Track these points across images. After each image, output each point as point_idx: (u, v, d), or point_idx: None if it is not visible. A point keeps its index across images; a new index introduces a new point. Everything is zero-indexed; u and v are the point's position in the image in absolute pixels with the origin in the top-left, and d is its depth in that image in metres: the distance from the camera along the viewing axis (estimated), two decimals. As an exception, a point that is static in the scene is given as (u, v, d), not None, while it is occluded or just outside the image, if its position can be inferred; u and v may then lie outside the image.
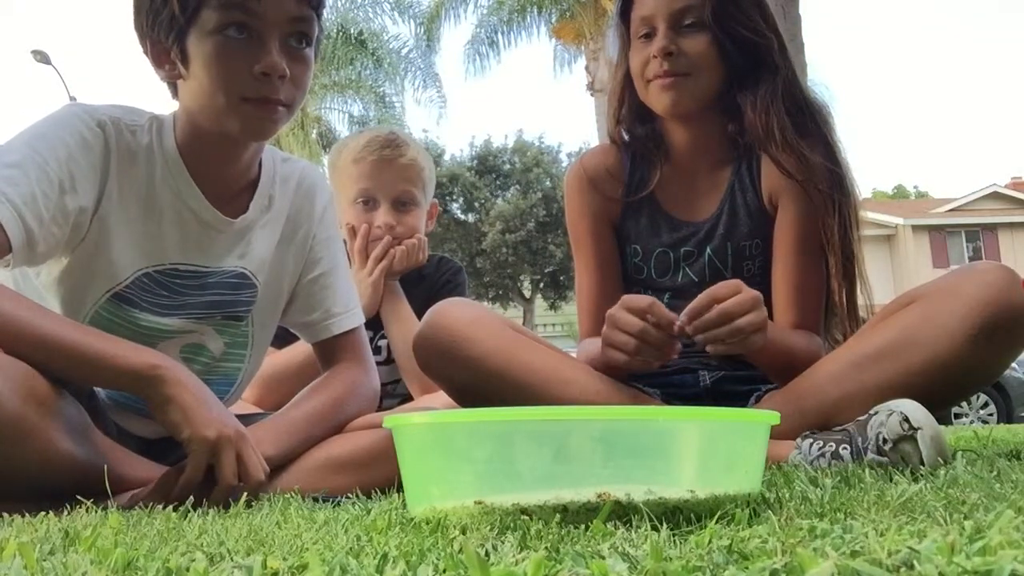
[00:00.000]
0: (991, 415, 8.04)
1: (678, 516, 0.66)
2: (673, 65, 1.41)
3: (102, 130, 1.16)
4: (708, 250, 1.48)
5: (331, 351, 1.38)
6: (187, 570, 0.50)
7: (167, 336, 1.24)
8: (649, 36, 1.46)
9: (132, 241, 1.19)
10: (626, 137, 1.56)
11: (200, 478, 1.01)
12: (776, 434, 0.85)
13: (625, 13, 1.52)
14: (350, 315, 1.40)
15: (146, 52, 1.18)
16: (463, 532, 0.64)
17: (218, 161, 1.23)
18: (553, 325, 22.59)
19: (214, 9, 1.10)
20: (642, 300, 1.24)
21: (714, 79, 1.44)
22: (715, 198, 1.50)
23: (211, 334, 1.29)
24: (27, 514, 0.86)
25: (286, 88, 1.14)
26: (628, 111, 1.55)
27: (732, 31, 1.42)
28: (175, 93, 1.21)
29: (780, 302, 1.43)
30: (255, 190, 1.29)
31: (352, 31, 15.71)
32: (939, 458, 1.03)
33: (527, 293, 19.39)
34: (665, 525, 0.61)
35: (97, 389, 1.21)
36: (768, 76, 1.44)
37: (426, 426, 0.77)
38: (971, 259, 22.58)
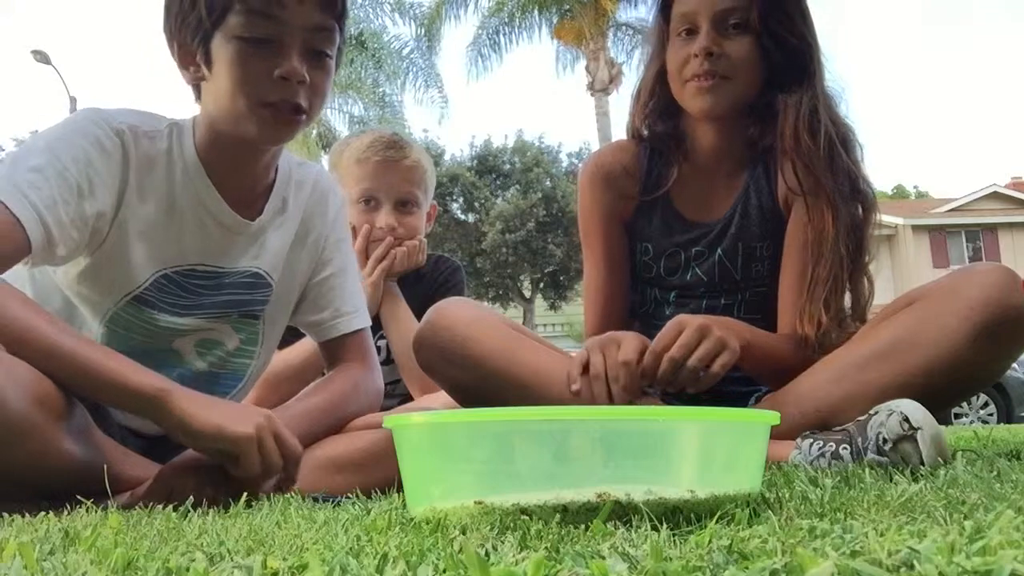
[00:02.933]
0: (991, 415, 8.04)
1: (678, 516, 0.66)
2: (715, 66, 1.38)
3: (120, 138, 1.17)
4: (719, 251, 1.48)
5: (337, 351, 1.40)
6: (187, 570, 0.50)
7: (183, 334, 1.26)
8: (691, 33, 1.42)
9: (152, 247, 1.20)
10: (645, 133, 1.54)
11: (259, 470, 1.03)
12: (776, 434, 0.85)
13: (665, 8, 1.48)
14: (358, 316, 1.42)
15: (173, 54, 1.20)
16: (463, 532, 0.64)
17: (237, 165, 1.24)
18: (553, 325, 22.59)
19: (239, 14, 1.12)
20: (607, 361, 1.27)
21: (753, 83, 1.42)
22: (729, 199, 1.50)
23: (227, 331, 1.31)
24: (27, 514, 0.86)
25: (305, 94, 1.16)
26: (654, 108, 1.52)
27: (777, 34, 1.40)
28: (198, 96, 1.22)
29: (786, 302, 1.42)
30: (270, 191, 1.31)
31: (352, 31, 15.71)
32: (939, 458, 1.03)
33: (527, 293, 19.38)
34: (665, 525, 0.61)
35: None
36: (808, 82, 1.41)
37: (426, 426, 0.77)
38: (971, 259, 22.61)
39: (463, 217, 18.91)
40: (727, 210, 1.49)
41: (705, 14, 1.40)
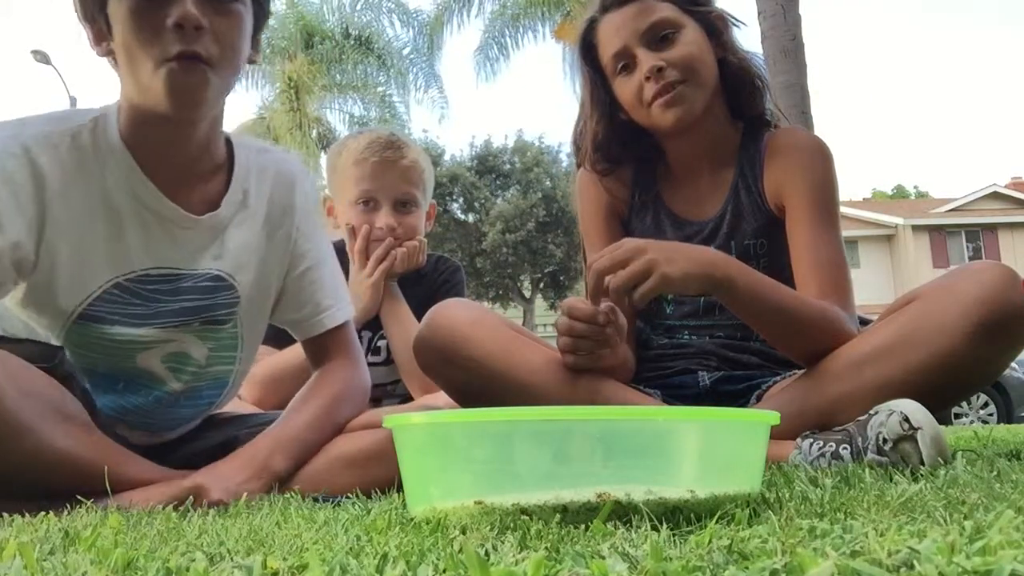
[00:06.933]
0: (991, 415, 8.04)
1: (678, 516, 0.66)
2: (669, 77, 1.40)
3: (27, 156, 1.10)
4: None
5: (322, 348, 1.36)
6: (187, 570, 0.50)
7: (144, 348, 1.21)
8: (628, 68, 1.45)
9: (93, 255, 1.15)
10: (603, 166, 1.56)
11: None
12: (776, 434, 0.85)
13: (590, 59, 1.51)
14: (340, 308, 1.38)
15: (89, 38, 1.16)
16: (463, 532, 0.64)
17: (164, 143, 1.17)
18: (553, 325, 22.56)
19: None
20: (567, 301, 1.28)
21: (710, 69, 1.45)
22: (719, 197, 1.50)
23: (192, 341, 1.24)
24: (27, 514, 0.86)
25: (206, 42, 1.09)
26: (616, 142, 1.53)
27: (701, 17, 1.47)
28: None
29: (802, 282, 1.39)
30: (228, 185, 1.25)
31: (354, 33, 15.75)
32: (939, 458, 1.03)
33: (527, 293, 19.38)
34: (665, 525, 0.61)
35: (94, 397, 1.19)
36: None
37: (426, 426, 0.77)
38: (971, 259, 22.57)
39: (463, 217, 18.91)
40: (718, 209, 1.50)
41: (635, 42, 1.43)
